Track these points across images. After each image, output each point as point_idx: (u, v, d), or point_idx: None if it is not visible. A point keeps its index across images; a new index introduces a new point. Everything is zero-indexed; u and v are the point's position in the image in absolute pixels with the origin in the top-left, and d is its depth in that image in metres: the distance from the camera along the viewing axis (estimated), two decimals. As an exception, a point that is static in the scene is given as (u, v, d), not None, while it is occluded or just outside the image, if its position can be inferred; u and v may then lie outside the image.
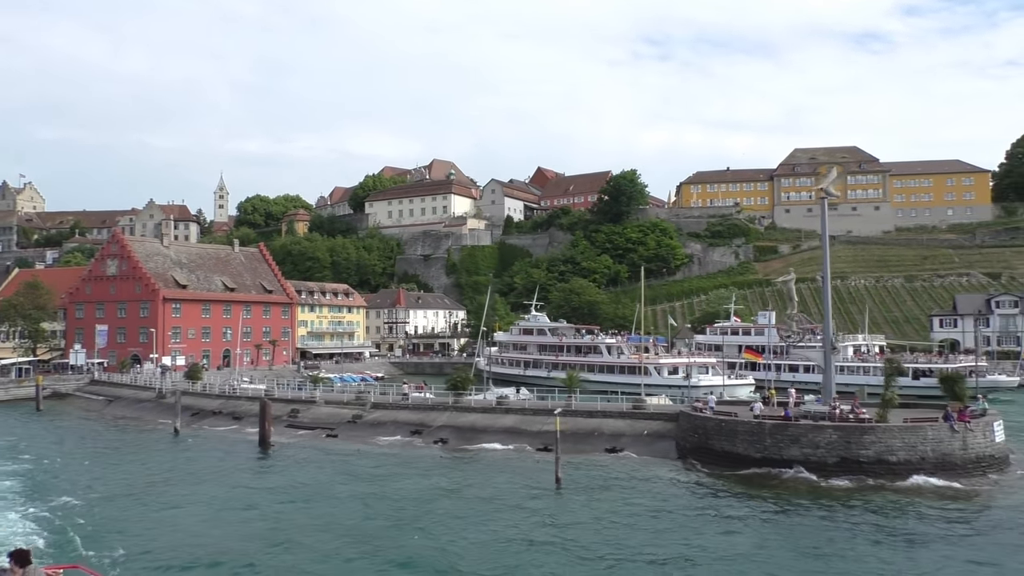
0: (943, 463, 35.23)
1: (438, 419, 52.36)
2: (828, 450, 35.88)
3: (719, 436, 39.58)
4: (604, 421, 47.95)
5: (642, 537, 28.43)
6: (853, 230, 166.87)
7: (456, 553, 26.51)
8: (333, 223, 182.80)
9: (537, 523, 30.36)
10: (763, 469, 37.05)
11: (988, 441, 36.59)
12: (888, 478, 34.68)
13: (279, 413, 57.83)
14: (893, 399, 38.17)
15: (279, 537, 28.62)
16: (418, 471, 41.07)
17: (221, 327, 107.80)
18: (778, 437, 37.11)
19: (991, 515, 30.47)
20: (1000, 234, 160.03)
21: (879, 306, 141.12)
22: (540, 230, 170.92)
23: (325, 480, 39.18)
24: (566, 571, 24.71)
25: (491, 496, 35.10)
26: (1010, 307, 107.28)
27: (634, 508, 32.68)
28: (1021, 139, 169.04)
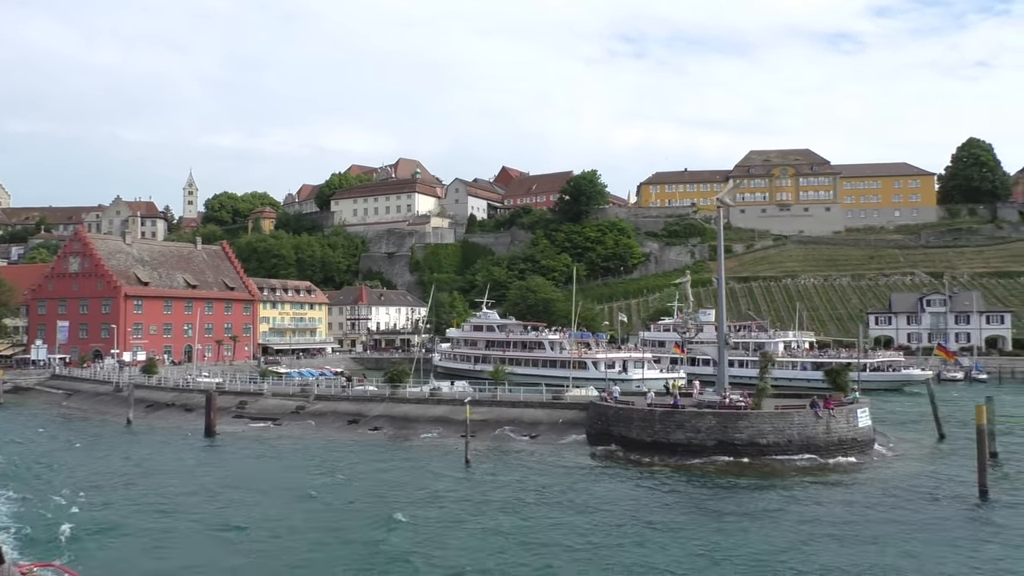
0: (808, 445, 39.66)
1: (375, 409, 56.16)
2: (708, 434, 40.19)
3: (618, 423, 43.81)
4: (525, 411, 52.05)
5: (531, 508, 32.41)
6: (805, 230, 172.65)
7: (359, 520, 30.34)
8: (299, 221, 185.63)
9: (433, 494, 34.29)
10: (654, 451, 41.27)
11: (851, 426, 41.07)
12: (759, 458, 39.06)
13: (228, 405, 61.31)
14: (766, 388, 42.57)
15: (212, 510, 32.29)
16: (348, 455, 44.89)
17: (183, 323, 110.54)
18: (666, 423, 41.39)
19: (844, 489, 34.72)
20: (944, 235, 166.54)
21: (826, 304, 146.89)
22: (502, 229, 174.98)
23: (258, 464, 42.84)
24: (451, 530, 28.61)
25: (406, 473, 39.03)
26: (940, 306, 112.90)
27: (529, 483, 36.78)
28: (965, 143, 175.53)
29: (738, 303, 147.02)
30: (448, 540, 27.67)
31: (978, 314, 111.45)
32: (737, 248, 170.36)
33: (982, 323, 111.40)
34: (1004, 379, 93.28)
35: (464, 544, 27.17)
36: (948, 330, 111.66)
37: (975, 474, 33.94)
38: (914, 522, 29.38)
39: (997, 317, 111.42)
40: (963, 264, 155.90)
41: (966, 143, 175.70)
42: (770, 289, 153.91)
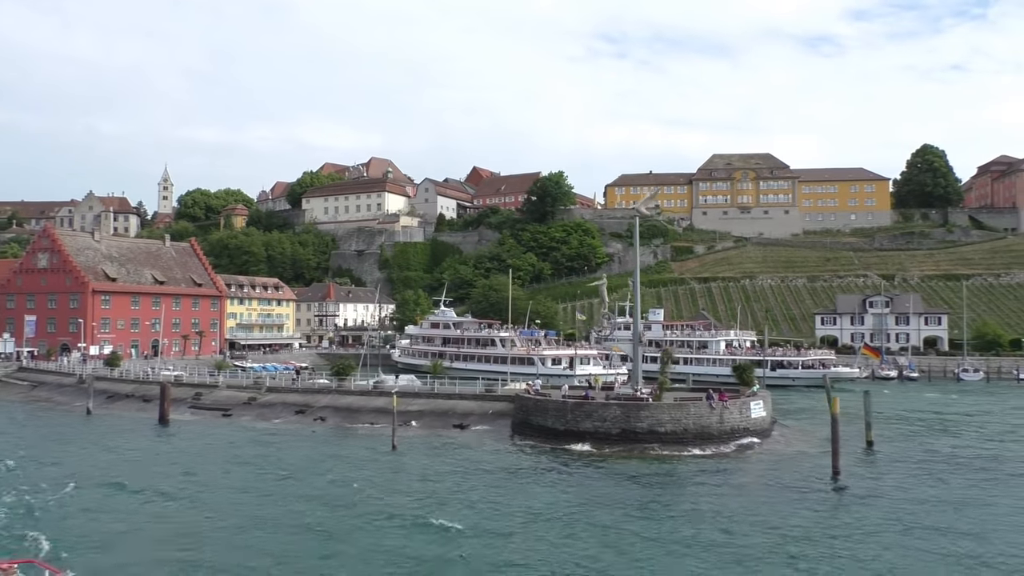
0: (702, 434, 43.83)
1: (321, 401, 59.88)
2: (613, 423, 44.27)
3: (536, 413, 47.81)
4: (460, 402, 55.96)
5: (448, 483, 36.27)
6: (764, 232, 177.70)
7: (292, 493, 34.06)
8: (271, 218, 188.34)
9: (355, 473, 38.07)
10: (566, 438, 45.27)
11: (743, 417, 45.29)
12: (657, 445, 43.17)
13: (185, 396, 64.77)
14: (665, 382, 46.74)
15: (151, 486, 35.89)
16: (289, 441, 48.56)
17: (150, 318, 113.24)
18: (577, 413, 45.44)
19: (728, 471, 38.75)
20: (897, 238, 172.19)
21: (780, 304, 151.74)
22: (471, 228, 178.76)
23: (204, 449, 46.41)
24: (372, 503, 32.36)
25: (336, 457, 42.80)
26: (882, 307, 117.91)
27: (447, 465, 40.71)
28: (919, 150, 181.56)
29: (697, 303, 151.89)
30: (356, 512, 31.43)
31: (917, 315, 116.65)
32: (699, 249, 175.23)
33: (921, 324, 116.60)
34: (934, 377, 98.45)
35: (367, 515, 30.92)
36: (889, 330, 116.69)
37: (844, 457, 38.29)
38: (773, 499, 33.52)
39: (935, 318, 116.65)
40: (914, 267, 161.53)
41: (920, 149, 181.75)
42: (728, 289, 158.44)
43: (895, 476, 37.93)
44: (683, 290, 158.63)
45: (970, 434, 52.35)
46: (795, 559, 25.13)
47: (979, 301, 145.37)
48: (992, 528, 28.87)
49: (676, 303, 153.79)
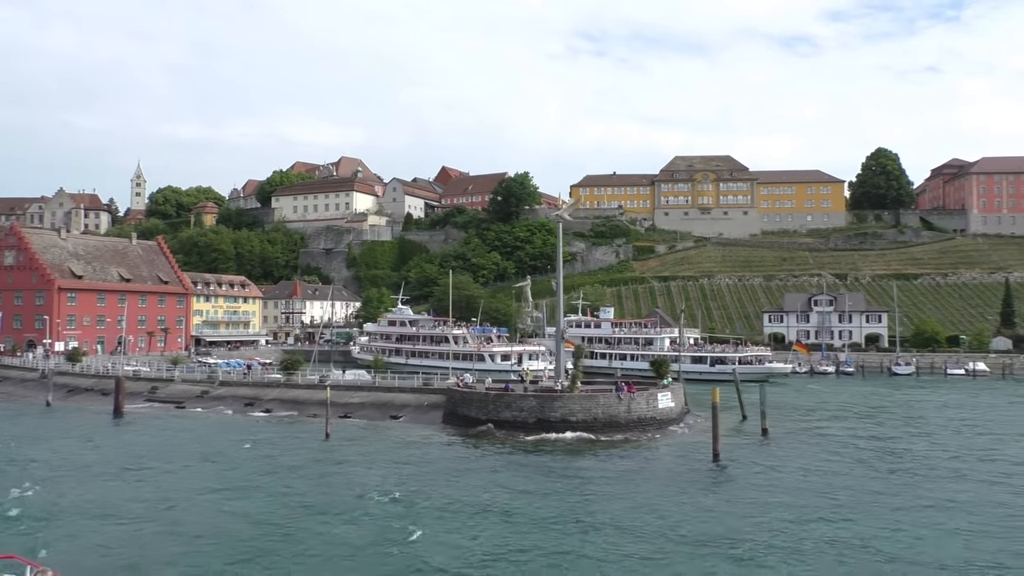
0: (611, 422, 47.86)
1: (270, 394, 63.35)
2: (529, 412, 48.21)
3: (462, 404, 51.68)
4: (398, 395, 59.68)
5: (378, 468, 39.87)
6: (724, 232, 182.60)
7: (230, 475, 37.63)
8: (240, 216, 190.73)
9: (285, 459, 41.70)
10: (486, 427, 49.14)
11: (650, 407, 49.38)
12: (568, 432, 47.11)
13: (141, 389, 68.02)
14: (578, 375, 50.74)
15: (97, 470, 39.32)
16: (231, 431, 52.04)
17: (116, 315, 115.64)
18: (497, 403, 49.34)
19: (630, 455, 42.68)
20: (851, 239, 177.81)
21: (736, 303, 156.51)
22: (438, 227, 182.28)
23: (148, 438, 49.80)
24: (301, 483, 35.96)
25: (271, 444, 46.39)
26: (826, 305, 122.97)
27: (373, 450, 44.43)
28: (873, 153, 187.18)
29: (656, 301, 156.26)
30: (263, 491, 35.10)
31: (859, 313, 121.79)
32: (660, 249, 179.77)
33: (862, 322, 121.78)
34: (869, 373, 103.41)
35: (277, 491, 34.59)
36: (832, 328, 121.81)
37: (736, 441, 42.49)
38: (655, 478, 37.55)
39: (876, 316, 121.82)
40: (866, 266, 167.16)
41: (874, 153, 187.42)
42: (687, 288, 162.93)
43: (773, 458, 42.19)
44: (643, 289, 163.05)
45: (866, 422, 56.93)
46: (654, 527, 28.98)
47: (926, 300, 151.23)
48: (841, 500, 33.05)
49: (636, 301, 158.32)
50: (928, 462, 41.75)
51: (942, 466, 40.68)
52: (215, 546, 26.48)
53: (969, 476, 38.15)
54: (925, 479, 37.41)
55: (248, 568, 24.38)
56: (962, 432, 52.75)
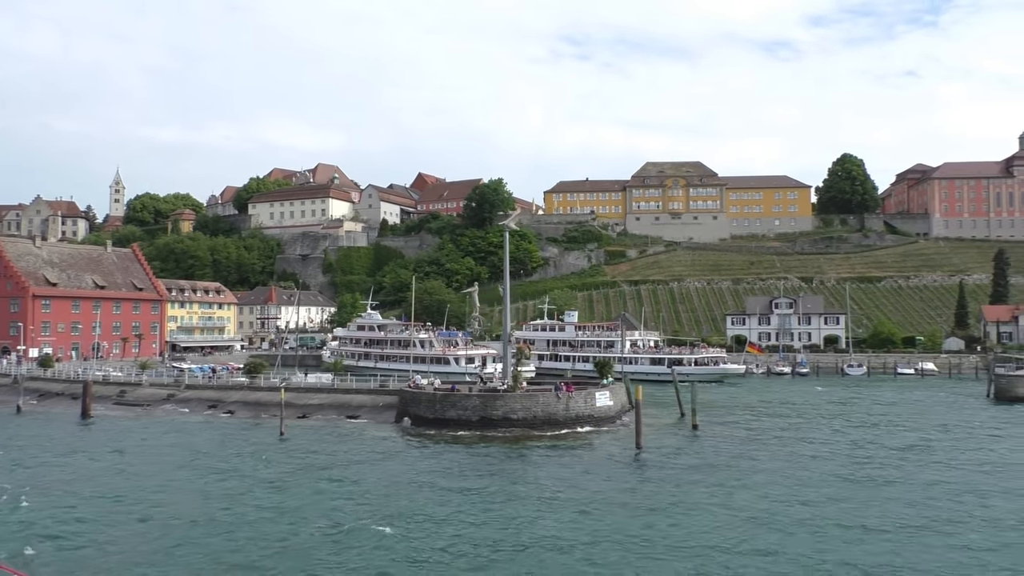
0: (550, 420, 50.87)
1: (233, 396, 65.92)
2: (473, 411, 51.14)
3: (413, 404, 54.54)
4: (355, 396, 62.47)
5: (324, 458, 42.66)
6: (694, 237, 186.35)
7: (190, 471, 40.26)
8: (217, 223, 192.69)
9: (243, 455, 44.39)
10: (435, 425, 52.01)
11: (588, 405, 52.45)
12: (510, 429, 50.07)
13: (110, 393, 70.33)
14: (519, 375, 53.72)
15: (56, 465, 41.86)
16: (190, 431, 54.61)
17: (91, 322, 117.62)
18: (443, 403, 52.25)
19: (565, 450, 45.67)
20: (817, 243, 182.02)
21: (705, 306, 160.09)
22: (413, 233, 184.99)
23: (110, 439, 52.30)
24: (253, 474, 38.66)
25: (228, 442, 49.04)
26: (786, 308, 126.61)
27: (325, 446, 47.18)
28: (839, 159, 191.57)
29: (627, 305, 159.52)
30: (226, 485, 37.80)
31: (818, 316, 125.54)
32: (631, 253, 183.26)
33: (821, 324, 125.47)
34: (824, 373, 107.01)
35: (236, 484, 37.32)
36: (793, 330, 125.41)
37: (663, 434, 45.62)
38: (582, 467, 40.56)
39: (834, 319, 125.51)
40: (831, 270, 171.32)
41: (840, 158, 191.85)
42: (656, 292, 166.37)
43: (692, 447, 45.48)
44: (614, 293, 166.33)
45: (793, 417, 60.48)
46: (571, 502, 31.99)
47: (887, 302, 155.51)
48: (735, 478, 36.24)
49: (607, 305, 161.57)
50: (825, 447, 45.55)
51: (836, 452, 44.29)
52: (150, 537, 29.18)
53: (847, 458, 42.50)
54: (812, 461, 41.23)
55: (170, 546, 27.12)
56: (865, 425, 56.53)
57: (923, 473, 38.87)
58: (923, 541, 27.11)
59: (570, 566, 24.61)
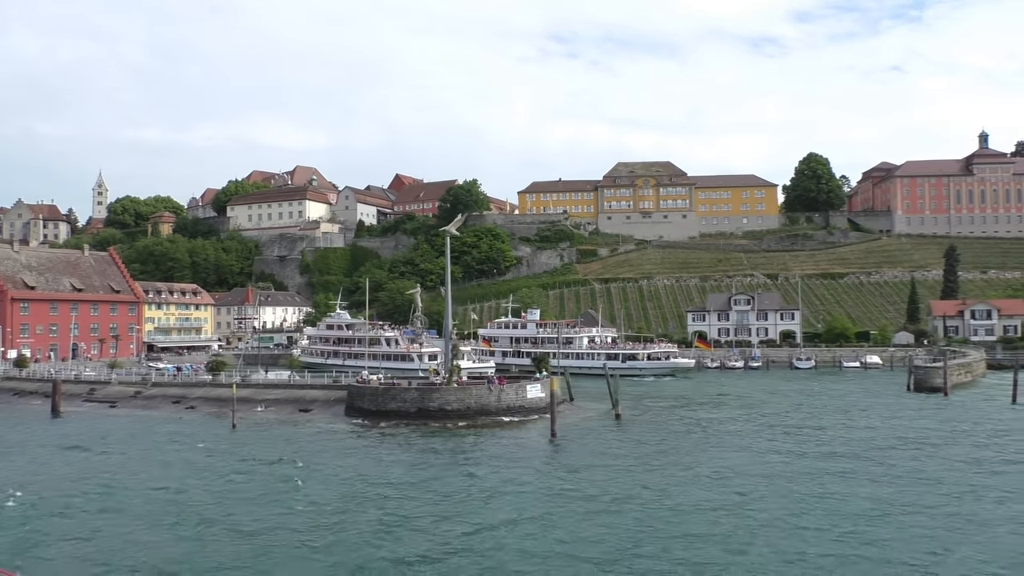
0: (482, 411, 55.05)
1: (196, 392, 69.84)
2: (411, 403, 55.28)
3: (358, 397, 58.62)
4: (310, 391, 66.48)
5: (271, 448, 46.61)
6: (664, 235, 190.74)
7: (147, 458, 44.22)
8: (196, 225, 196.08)
9: (184, 444, 48.35)
10: (378, 417, 56.11)
11: (519, 397, 56.63)
12: (445, 420, 54.23)
13: (81, 391, 74.17)
14: (456, 369, 57.90)
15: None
16: (148, 425, 58.51)
17: (69, 323, 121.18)
18: (385, 396, 56.37)
19: (493, 438, 49.78)
20: (783, 240, 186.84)
21: (672, 303, 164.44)
22: (389, 234, 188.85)
23: (73, 433, 56.20)
24: (205, 462, 42.61)
25: (182, 435, 53.01)
26: (744, 304, 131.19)
27: (272, 436, 51.19)
28: (805, 158, 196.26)
29: (597, 302, 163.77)
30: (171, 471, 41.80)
31: (774, 312, 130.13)
32: (603, 252, 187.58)
33: (777, 319, 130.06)
34: (775, 367, 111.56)
35: (181, 467, 41.32)
36: (750, 325, 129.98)
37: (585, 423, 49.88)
38: (501, 451, 44.74)
39: (789, 314, 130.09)
40: (796, 266, 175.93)
41: (806, 158, 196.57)
42: (626, 290, 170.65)
43: (606, 434, 49.78)
44: (584, 290, 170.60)
45: (717, 407, 64.88)
46: (481, 490, 36.07)
47: (848, 297, 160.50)
48: (633, 461, 40.45)
49: (577, 303, 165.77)
50: (722, 427, 50.22)
51: (732, 431, 48.62)
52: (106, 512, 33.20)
53: (742, 442, 46.76)
54: (710, 445, 45.59)
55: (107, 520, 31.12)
56: (778, 413, 60.99)
57: (793, 447, 43.34)
58: (757, 497, 31.42)
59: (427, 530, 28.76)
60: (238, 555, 26.27)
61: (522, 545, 26.75)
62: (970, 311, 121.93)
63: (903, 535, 27.45)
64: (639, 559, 25.13)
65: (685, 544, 26.66)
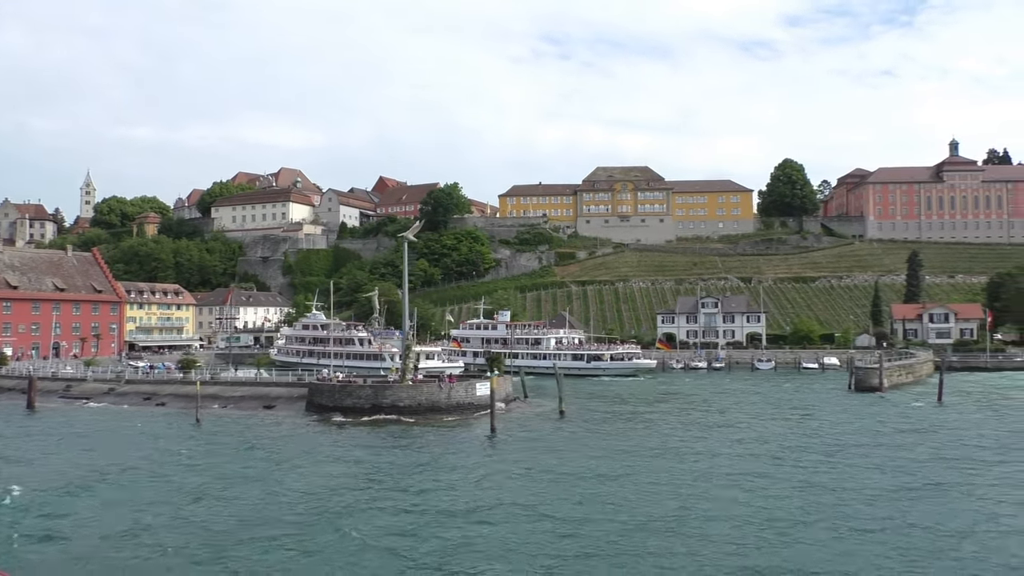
0: (433, 407, 58.33)
1: (167, 389, 72.97)
2: (366, 400, 58.57)
3: (317, 394, 61.91)
4: (274, 389, 69.72)
5: (233, 441, 49.83)
6: (642, 239, 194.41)
7: (117, 452, 47.35)
8: (181, 226, 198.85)
9: (153, 438, 51.51)
10: (335, 412, 59.37)
11: (468, 395, 59.96)
12: (397, 416, 57.51)
13: (57, 388, 77.25)
14: (408, 367, 61.21)
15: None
16: (118, 420, 61.62)
17: (51, 323, 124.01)
18: (341, 393, 59.65)
19: (436, 430, 53.09)
20: (757, 244, 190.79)
21: (647, 305, 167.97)
22: (371, 236, 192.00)
23: (47, 428, 59.30)
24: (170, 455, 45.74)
25: (146, 429, 56.19)
26: (712, 307, 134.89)
27: (232, 431, 54.39)
28: (781, 164, 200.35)
29: (573, 305, 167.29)
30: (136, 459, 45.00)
31: (740, 314, 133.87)
32: (581, 255, 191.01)
33: (744, 322, 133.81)
34: (737, 368, 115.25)
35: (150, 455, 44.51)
36: (718, 328, 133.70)
37: (527, 420, 53.18)
38: (435, 444, 48.05)
39: (756, 317, 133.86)
40: (770, 270, 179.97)
41: (781, 164, 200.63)
42: (602, 292, 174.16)
43: (542, 431, 53.05)
44: (561, 292, 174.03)
45: (656, 405, 68.42)
46: (415, 470, 39.39)
47: (818, 300, 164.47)
48: (558, 451, 43.85)
49: (554, 305, 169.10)
50: (661, 427, 53.59)
51: (660, 430, 52.10)
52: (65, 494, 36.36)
53: (663, 434, 50.24)
54: (633, 436, 49.23)
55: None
56: (709, 411, 64.54)
57: (712, 444, 46.81)
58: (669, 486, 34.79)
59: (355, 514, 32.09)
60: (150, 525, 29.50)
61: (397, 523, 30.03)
62: (928, 315, 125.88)
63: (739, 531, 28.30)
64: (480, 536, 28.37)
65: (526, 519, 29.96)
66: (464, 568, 24.66)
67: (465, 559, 25.49)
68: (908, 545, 26.32)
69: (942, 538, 27.12)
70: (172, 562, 25.70)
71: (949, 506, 31.56)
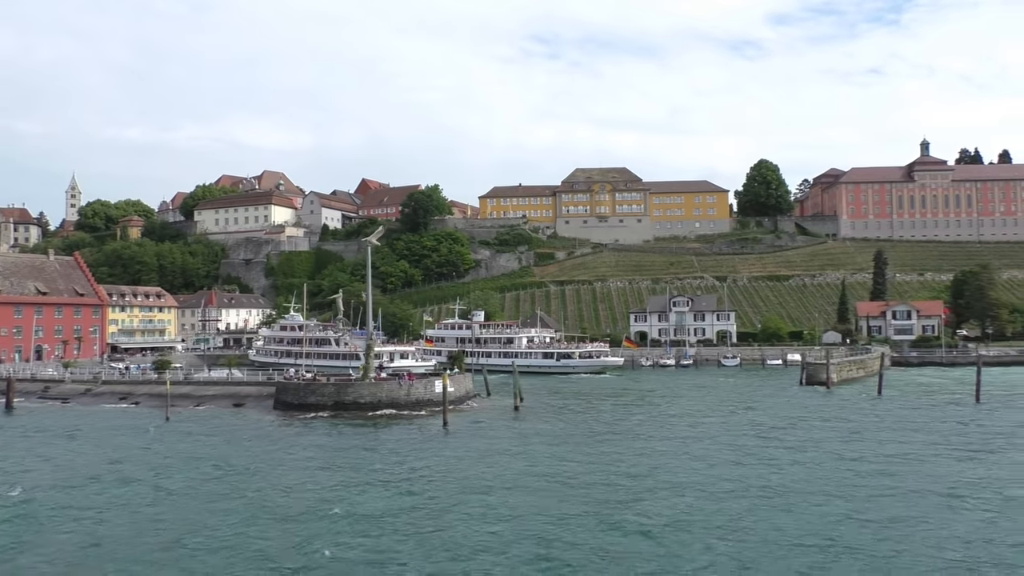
0: (393, 403, 61.14)
1: (142, 389, 75.55)
2: (328, 397, 61.36)
3: (283, 392, 64.64)
4: (244, 387, 72.40)
5: (204, 438, 52.50)
6: (620, 239, 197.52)
7: (85, 448, 49.97)
8: (164, 229, 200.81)
9: (123, 434, 54.12)
10: (300, 409, 62.12)
11: (428, 391, 62.76)
12: (359, 412, 60.31)
13: (35, 389, 79.72)
14: (369, 367, 64.03)
15: None
16: (88, 419, 64.15)
17: (33, 326, 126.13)
18: (305, 391, 62.42)
19: (400, 426, 55.84)
20: (733, 243, 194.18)
21: (624, 305, 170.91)
22: (352, 238, 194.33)
23: (34, 423, 61.83)
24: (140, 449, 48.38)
25: (117, 427, 58.78)
26: (683, 306, 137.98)
27: (201, 428, 57.04)
28: (756, 164, 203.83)
29: (551, 305, 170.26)
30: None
31: (711, 313, 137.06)
32: (560, 255, 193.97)
33: (714, 320, 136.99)
34: (704, 365, 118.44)
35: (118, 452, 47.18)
36: (688, 326, 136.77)
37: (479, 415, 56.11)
38: (395, 437, 50.86)
39: (725, 315, 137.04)
40: (745, 269, 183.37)
41: (757, 164, 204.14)
42: (580, 292, 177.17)
43: (497, 425, 55.94)
44: (540, 293, 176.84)
45: (613, 400, 71.42)
46: (367, 460, 42.18)
47: (791, 298, 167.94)
48: (506, 443, 46.76)
49: (532, 304, 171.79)
50: (597, 414, 56.74)
51: (605, 421, 55.13)
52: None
53: (605, 424, 53.16)
54: (576, 428, 52.15)
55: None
56: (659, 404, 67.60)
57: (658, 432, 49.85)
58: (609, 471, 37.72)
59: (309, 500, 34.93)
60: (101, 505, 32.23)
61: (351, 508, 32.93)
62: (892, 312, 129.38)
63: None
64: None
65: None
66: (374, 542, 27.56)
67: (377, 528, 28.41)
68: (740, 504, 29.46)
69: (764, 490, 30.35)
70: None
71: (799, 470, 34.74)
